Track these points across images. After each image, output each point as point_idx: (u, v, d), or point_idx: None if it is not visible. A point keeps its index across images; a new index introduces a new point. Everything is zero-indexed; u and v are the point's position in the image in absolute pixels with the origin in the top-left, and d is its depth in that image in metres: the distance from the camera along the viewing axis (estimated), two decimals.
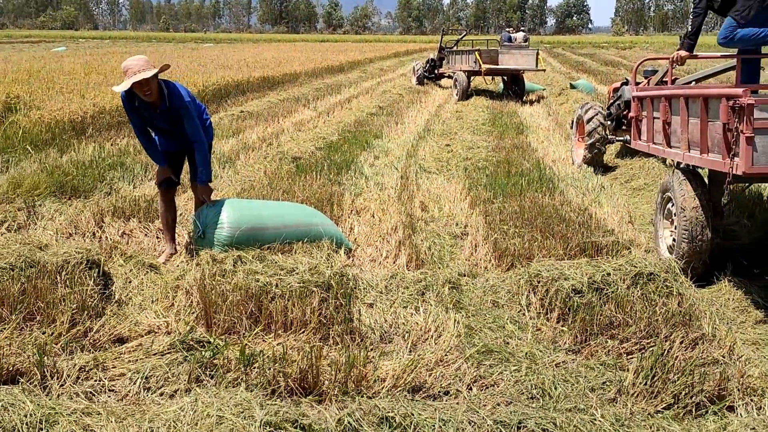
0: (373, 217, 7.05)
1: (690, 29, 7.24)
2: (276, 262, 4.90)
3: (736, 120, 4.51)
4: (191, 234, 6.06)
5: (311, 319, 4.37)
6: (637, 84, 8.21)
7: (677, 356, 3.89)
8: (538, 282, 4.84)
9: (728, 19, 6.98)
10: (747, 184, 6.61)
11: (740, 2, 6.97)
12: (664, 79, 8.76)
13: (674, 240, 5.60)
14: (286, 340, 4.25)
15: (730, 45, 6.91)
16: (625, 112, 9.50)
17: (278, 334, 4.32)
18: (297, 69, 25.11)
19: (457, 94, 19.20)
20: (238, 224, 5.56)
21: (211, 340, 4.18)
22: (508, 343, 4.35)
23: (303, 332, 4.33)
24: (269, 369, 3.77)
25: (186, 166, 6.29)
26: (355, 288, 4.91)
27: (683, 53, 7.18)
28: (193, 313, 4.56)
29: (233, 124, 13.27)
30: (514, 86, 19.94)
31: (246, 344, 4.06)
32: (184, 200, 7.39)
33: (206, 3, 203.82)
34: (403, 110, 16.56)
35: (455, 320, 4.52)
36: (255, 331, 4.31)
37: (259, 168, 9.16)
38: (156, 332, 4.44)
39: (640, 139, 6.70)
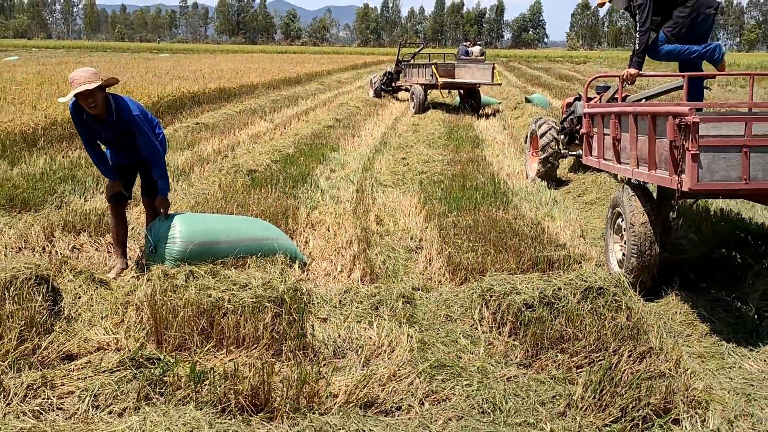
0: (329, 230, 7.04)
1: (638, 47, 7.44)
2: (229, 277, 4.86)
3: (683, 137, 4.62)
4: (143, 248, 5.99)
5: (264, 335, 4.35)
6: (590, 100, 8.36)
7: (625, 370, 3.95)
8: (491, 296, 4.89)
9: (660, 33, 7.27)
10: (694, 200, 6.76)
11: (673, 19, 7.24)
12: (615, 96, 8.94)
13: (624, 254, 5.70)
14: (237, 356, 4.22)
15: (655, 58, 7.18)
16: (577, 127, 9.66)
17: (230, 350, 4.29)
18: (254, 80, 25.00)
19: (413, 107, 19.31)
20: (191, 239, 5.51)
21: (161, 357, 4.13)
22: (460, 357, 4.38)
23: (255, 348, 4.30)
24: (220, 386, 3.74)
25: (138, 180, 6.21)
26: (308, 303, 4.90)
27: (632, 71, 7.37)
28: (143, 329, 4.50)
29: (188, 136, 13.16)
30: (470, 100, 20.12)
31: (196, 361, 4.02)
32: (136, 214, 7.30)
33: (162, 13, 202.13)
34: (360, 123, 16.60)
35: (408, 335, 4.54)
36: (206, 348, 4.27)
37: (213, 181, 9.09)
38: (105, 349, 4.37)
39: (591, 155, 6.80)
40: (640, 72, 7.38)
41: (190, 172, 9.66)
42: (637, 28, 7.45)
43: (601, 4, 8.08)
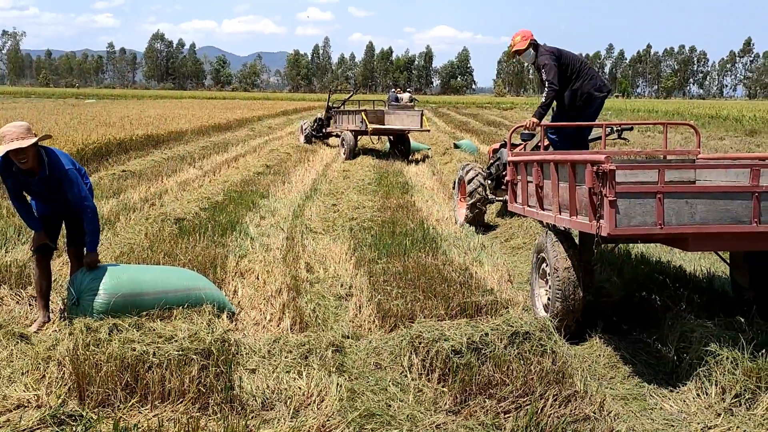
0: (258, 279, 6.99)
1: (544, 101, 7.95)
2: (154, 330, 4.78)
3: (601, 184, 4.78)
4: (65, 301, 5.83)
5: (190, 388, 4.27)
6: (515, 147, 8.58)
7: (551, 414, 4.02)
8: (420, 343, 4.92)
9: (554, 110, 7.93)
10: (614, 245, 6.97)
11: (565, 98, 7.85)
12: (538, 144, 9.20)
13: (549, 299, 5.82)
14: (162, 411, 4.13)
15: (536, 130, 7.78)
16: (503, 173, 9.88)
17: (155, 405, 4.19)
18: (183, 126, 24.81)
19: (344, 153, 19.44)
20: (115, 290, 5.40)
21: (84, 413, 4.01)
22: (390, 405, 4.38)
23: (181, 402, 4.21)
24: None
25: (64, 230, 6.08)
26: (237, 354, 4.84)
27: (535, 120, 7.87)
28: (65, 385, 4.37)
29: (114, 184, 12.93)
30: (400, 146, 20.39)
31: (120, 417, 3.92)
32: (59, 265, 7.11)
33: (89, 58, 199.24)
34: (290, 169, 16.61)
35: (338, 384, 4.52)
36: (130, 403, 4.16)
37: (139, 230, 8.94)
38: (26, 406, 4.22)
39: (516, 202, 6.97)
40: (540, 122, 7.85)
41: (116, 221, 9.48)
42: (547, 84, 7.91)
43: (512, 54, 8.64)
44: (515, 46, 8.65)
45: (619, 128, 8.62)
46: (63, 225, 6.08)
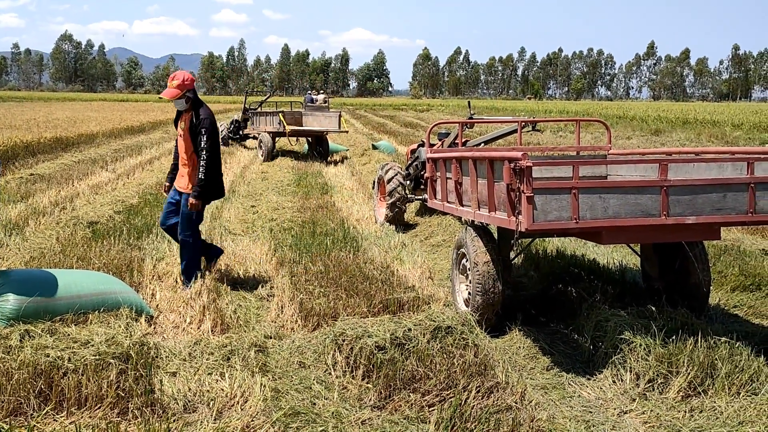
0: (177, 282, 6.85)
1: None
2: (69, 335, 4.63)
3: (518, 180, 4.88)
4: None
5: (108, 393, 4.15)
6: (432, 146, 8.68)
7: (474, 405, 4.09)
8: (343, 340, 4.92)
9: None
10: (531, 239, 7.13)
11: None
12: (455, 142, 9.34)
13: (469, 293, 5.91)
14: (79, 418, 3.99)
15: None
16: (422, 173, 9.98)
17: (71, 411, 4.06)
18: (94, 129, 24.10)
19: (262, 155, 19.26)
20: (26, 296, 5.20)
21: None
22: (315, 403, 4.36)
23: (99, 408, 4.09)
24: None
25: None
26: (156, 357, 4.74)
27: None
28: None
29: (21, 188, 12.44)
30: (319, 147, 20.34)
31: (34, 426, 3.77)
32: None
33: None
34: None
35: (262, 384, 4.47)
36: (44, 411, 4.01)
37: (50, 234, 8.63)
38: None
39: (435, 199, 7.05)
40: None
41: (25, 226, 9.12)
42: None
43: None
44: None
45: (533, 123, 8.86)
46: None
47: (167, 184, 7.21)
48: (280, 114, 19.59)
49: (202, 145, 6.61)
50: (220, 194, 7.03)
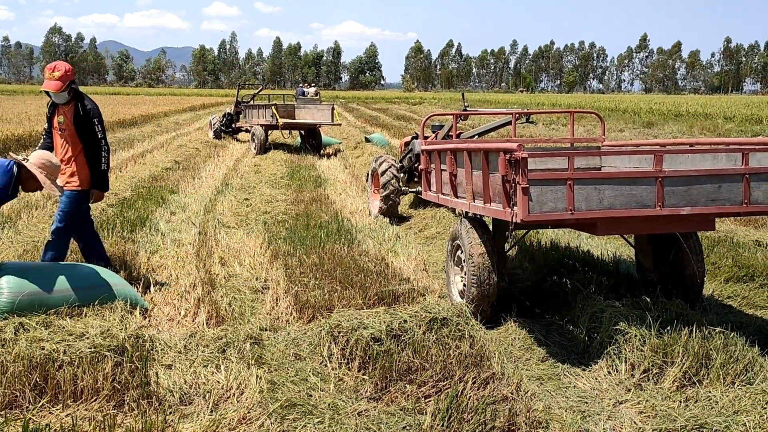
0: (171, 274, 6.84)
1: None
2: (64, 328, 4.61)
3: (513, 172, 4.88)
4: None
5: (104, 386, 4.14)
6: (426, 138, 8.67)
7: (470, 396, 4.09)
8: (339, 332, 4.91)
9: None
10: (526, 231, 7.13)
11: None
12: (449, 134, 9.34)
13: (465, 285, 5.91)
14: (75, 410, 3.98)
15: None
16: (416, 165, 9.98)
17: (67, 404, 4.04)
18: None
19: (255, 148, 19.21)
20: (20, 289, 5.18)
21: None
22: (311, 395, 4.36)
23: (95, 401, 4.08)
24: None
25: None
26: (152, 349, 4.72)
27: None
28: None
29: None
30: (312, 140, 20.30)
31: (29, 419, 3.76)
32: None
33: None
34: (200, 164, 16.30)
35: (258, 376, 4.47)
36: (40, 404, 4.00)
37: (43, 228, 8.58)
38: None
39: (430, 191, 7.04)
40: None
41: (17, 219, 9.09)
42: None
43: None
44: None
45: (527, 115, 8.87)
46: None
47: None
48: (273, 107, 19.54)
49: (99, 136, 6.46)
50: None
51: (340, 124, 21.23)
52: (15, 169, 5.50)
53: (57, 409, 4.02)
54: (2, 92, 72.67)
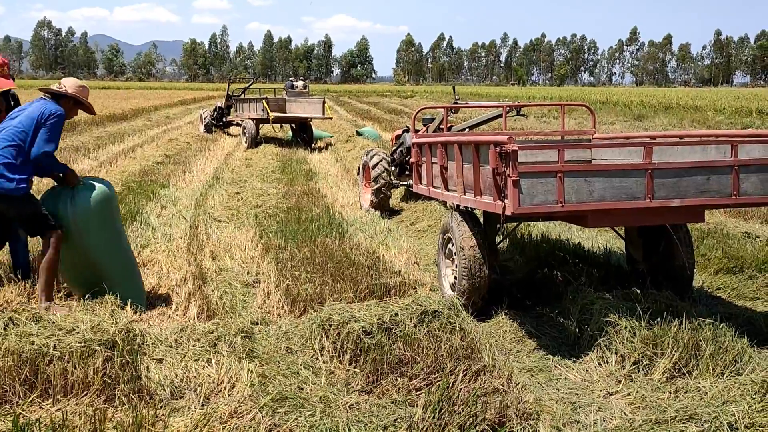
0: (162, 268, 6.82)
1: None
2: (54, 322, 4.59)
3: (504, 164, 4.88)
4: None
5: (95, 380, 4.13)
6: (417, 131, 8.67)
7: (461, 388, 4.10)
8: (330, 326, 4.91)
9: None
10: (517, 224, 7.15)
11: None
12: (440, 127, 9.34)
13: (456, 278, 5.92)
14: (66, 405, 3.97)
15: None
16: (407, 158, 9.98)
17: (57, 399, 4.03)
18: (75, 117, 23.83)
19: (246, 142, 19.17)
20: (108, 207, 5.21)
21: None
22: (302, 388, 4.36)
23: (85, 395, 4.07)
24: None
25: None
26: (142, 344, 4.71)
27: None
28: None
29: None
30: (303, 134, 20.28)
31: (19, 413, 3.75)
32: None
33: None
34: (191, 158, 16.26)
35: (249, 370, 4.47)
36: (30, 398, 3.99)
37: None
38: None
39: (421, 184, 7.04)
40: None
41: None
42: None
43: None
44: None
45: (517, 108, 8.88)
46: None
47: None
48: (264, 100, 19.49)
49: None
50: None
51: (331, 118, 21.19)
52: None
53: (47, 404, 4.00)
54: None
